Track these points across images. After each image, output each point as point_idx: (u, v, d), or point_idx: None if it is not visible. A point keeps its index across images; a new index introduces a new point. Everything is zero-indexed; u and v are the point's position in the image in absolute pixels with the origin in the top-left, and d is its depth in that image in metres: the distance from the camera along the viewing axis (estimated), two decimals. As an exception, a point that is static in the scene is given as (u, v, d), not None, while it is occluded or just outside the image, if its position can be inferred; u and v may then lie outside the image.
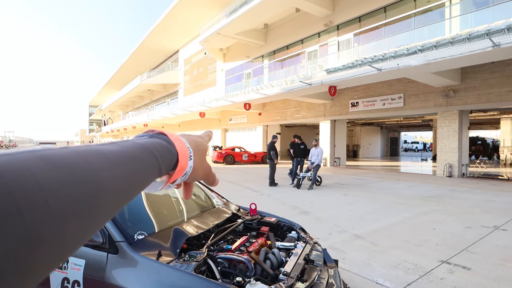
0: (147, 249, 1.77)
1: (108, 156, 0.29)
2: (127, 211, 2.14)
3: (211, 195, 2.98)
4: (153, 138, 0.39)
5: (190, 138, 0.47)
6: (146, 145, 0.36)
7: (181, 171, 0.42)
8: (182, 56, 33.30)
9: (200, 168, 0.47)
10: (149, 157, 0.35)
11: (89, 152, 0.28)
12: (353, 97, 15.70)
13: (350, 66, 12.02)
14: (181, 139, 0.43)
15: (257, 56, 22.07)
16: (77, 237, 0.24)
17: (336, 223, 5.21)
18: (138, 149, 0.34)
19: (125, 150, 0.32)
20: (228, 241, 2.20)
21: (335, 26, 16.21)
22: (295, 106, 19.02)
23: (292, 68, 18.04)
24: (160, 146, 0.38)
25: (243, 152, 19.21)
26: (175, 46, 33.40)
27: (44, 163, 0.23)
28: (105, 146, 0.31)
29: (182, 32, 28.85)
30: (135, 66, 41.36)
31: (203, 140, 0.51)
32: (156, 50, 35.00)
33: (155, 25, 28.57)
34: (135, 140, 0.37)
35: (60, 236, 0.22)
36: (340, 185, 9.68)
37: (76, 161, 0.25)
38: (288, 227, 2.73)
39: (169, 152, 0.39)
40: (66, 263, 1.81)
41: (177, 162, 0.40)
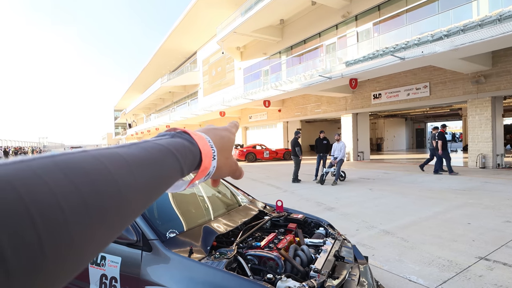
0: (178, 247, 1.81)
1: (127, 160, 0.28)
2: (157, 210, 2.18)
3: (236, 192, 2.98)
4: (175, 138, 0.38)
5: (215, 133, 0.45)
6: (167, 146, 0.34)
7: (204, 171, 0.40)
8: (200, 57, 33.70)
9: (225, 166, 0.45)
10: (170, 159, 0.33)
11: (108, 157, 0.26)
12: (375, 88, 15.27)
13: (371, 57, 11.69)
14: (204, 137, 0.41)
15: (274, 53, 21.94)
16: (95, 246, 0.23)
17: (363, 218, 5.09)
18: (158, 151, 0.33)
19: (145, 152, 0.31)
20: (256, 238, 2.20)
21: (353, 16, 15.81)
22: (315, 101, 18.76)
23: (311, 62, 17.80)
24: (181, 146, 0.36)
25: (265, 150, 19.20)
26: (193, 48, 33.84)
27: (60, 171, 0.22)
28: (124, 149, 0.29)
29: (199, 33, 29.18)
30: (155, 70, 42.34)
31: (229, 133, 0.48)
32: (175, 52, 35.63)
33: (173, 28, 29.07)
34: (156, 140, 0.35)
35: (76, 247, 0.21)
36: (365, 180, 9.45)
37: (94, 167, 0.24)
38: (315, 223, 2.69)
39: (191, 152, 0.37)
40: (103, 260, 1.89)
41: (200, 162, 0.39)
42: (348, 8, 15.88)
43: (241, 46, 25.18)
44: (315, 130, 20.42)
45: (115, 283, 1.83)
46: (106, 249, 1.92)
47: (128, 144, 0.31)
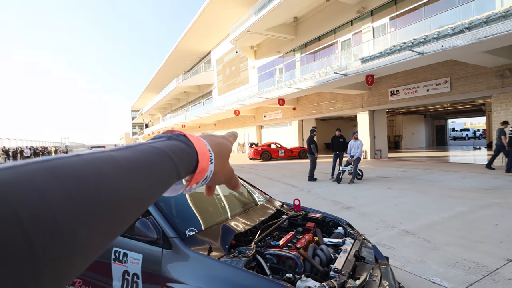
0: (198, 245, 1.81)
1: (122, 163, 0.27)
2: (176, 209, 2.20)
3: (253, 191, 2.96)
4: (171, 140, 0.37)
5: (213, 139, 0.44)
6: (163, 148, 0.34)
7: (201, 174, 0.39)
8: (214, 56, 33.91)
9: (222, 172, 0.44)
10: (166, 162, 0.33)
11: (102, 160, 0.26)
12: (393, 85, 14.91)
13: (388, 52, 11.42)
14: (202, 140, 0.41)
15: (288, 51, 21.79)
16: (90, 250, 0.23)
17: (382, 218, 4.98)
18: (154, 154, 0.32)
19: (140, 155, 0.30)
20: (274, 237, 2.17)
21: (368, 12, 15.49)
22: (330, 98, 18.52)
23: (326, 59, 17.56)
24: (178, 149, 0.36)
25: (280, 148, 19.12)
26: (207, 48, 34.09)
27: (53, 176, 0.21)
28: (120, 152, 0.29)
29: (213, 33, 29.36)
30: (170, 70, 42.92)
31: (227, 141, 0.47)
32: (189, 53, 36.00)
33: (187, 29, 29.35)
34: (152, 143, 0.34)
35: (70, 252, 0.21)
36: (383, 179, 9.25)
37: (88, 171, 0.24)
38: (334, 222, 2.64)
39: (188, 155, 0.37)
40: (125, 257, 1.91)
41: (197, 164, 0.38)
42: (364, 3, 15.57)
43: (255, 45, 25.16)
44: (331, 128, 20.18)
45: (137, 280, 1.86)
46: (128, 246, 1.94)
47: (124, 147, 0.30)
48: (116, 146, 1.15)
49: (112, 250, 2.01)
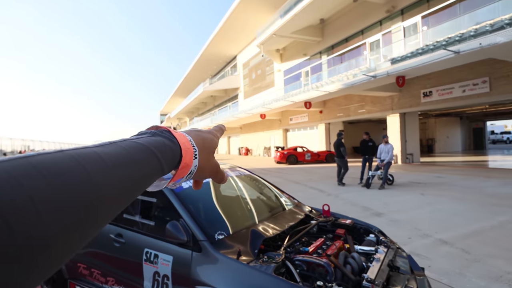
0: (227, 249, 1.81)
1: (104, 159, 0.28)
2: (204, 212, 2.21)
3: (280, 195, 2.93)
4: (155, 136, 0.37)
5: (197, 134, 0.45)
6: (147, 144, 0.34)
7: (185, 170, 0.40)
8: (240, 60, 34.28)
9: (207, 166, 0.45)
10: (149, 158, 0.33)
11: (85, 156, 0.26)
12: (425, 86, 14.28)
13: (420, 52, 10.97)
14: (186, 136, 0.41)
15: (314, 53, 21.57)
16: (73, 245, 0.23)
17: (416, 226, 4.75)
18: (137, 150, 0.33)
19: (123, 151, 0.31)
20: (303, 243, 2.13)
21: (398, 11, 15.00)
22: (359, 101, 18.06)
23: (354, 61, 17.18)
24: (162, 144, 0.36)
25: (306, 152, 18.90)
26: (233, 52, 34.54)
27: (36, 171, 0.22)
28: (102, 148, 0.29)
29: (239, 37, 29.71)
30: (197, 75, 43.91)
31: (212, 136, 0.48)
32: (216, 57, 36.65)
33: (214, 34, 29.92)
34: (136, 139, 0.35)
35: (53, 244, 0.21)
36: (415, 184, 8.85)
37: (71, 167, 0.24)
38: (365, 229, 2.55)
39: (172, 150, 0.37)
40: (156, 258, 1.95)
41: (181, 160, 0.39)
42: (393, 3, 15.10)
43: (281, 48, 25.15)
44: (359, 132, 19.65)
45: (167, 281, 1.88)
46: (159, 247, 1.98)
47: (107, 143, 0.31)
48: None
49: (143, 251, 2.06)
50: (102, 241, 2.42)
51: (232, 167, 3.05)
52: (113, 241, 2.31)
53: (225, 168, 2.97)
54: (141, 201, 2.38)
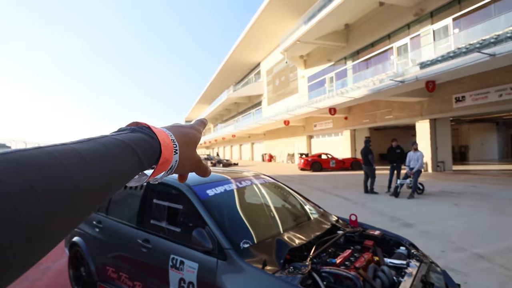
0: (252, 258, 1.79)
1: (83, 154, 0.28)
2: (229, 220, 2.21)
3: (304, 202, 2.88)
4: (135, 133, 0.38)
5: (179, 130, 0.45)
6: (126, 140, 0.35)
7: (165, 165, 0.40)
8: (263, 67, 34.50)
9: (188, 161, 0.45)
10: (128, 153, 0.34)
11: (62, 152, 0.27)
12: (457, 90, 13.64)
13: (452, 55, 10.54)
14: (165, 132, 0.42)
15: (339, 59, 21.30)
16: (51, 239, 0.24)
17: (449, 238, 4.50)
18: (116, 146, 0.33)
19: (101, 147, 0.31)
20: (330, 254, 2.07)
21: (428, 13, 14.53)
22: (386, 106, 17.54)
23: (380, 66, 16.77)
24: (141, 140, 0.37)
25: (331, 159, 18.56)
26: (256, 59, 34.85)
27: (13, 167, 0.22)
28: (81, 145, 0.30)
29: (262, 45, 29.96)
30: (221, 82, 44.64)
31: (194, 131, 0.48)
32: (240, 64, 37.12)
33: (238, 41, 30.36)
34: (115, 135, 0.35)
35: (30, 241, 0.22)
36: (448, 194, 8.42)
37: (49, 163, 0.25)
38: (395, 241, 2.44)
39: (151, 146, 0.38)
40: (182, 265, 1.96)
41: (160, 155, 0.39)
42: (422, 5, 14.65)
43: (305, 54, 25.07)
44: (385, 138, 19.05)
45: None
46: (185, 254, 1.99)
47: (86, 140, 0.31)
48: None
49: (169, 257, 2.08)
50: (130, 245, 2.48)
51: (257, 175, 3.04)
52: (141, 246, 2.35)
53: (249, 175, 2.96)
54: (168, 207, 2.42)
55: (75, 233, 3.23)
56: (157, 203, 2.51)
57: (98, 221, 2.97)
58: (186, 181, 2.35)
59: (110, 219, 2.88)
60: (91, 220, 3.06)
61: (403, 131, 24.14)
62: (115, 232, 2.74)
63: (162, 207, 2.46)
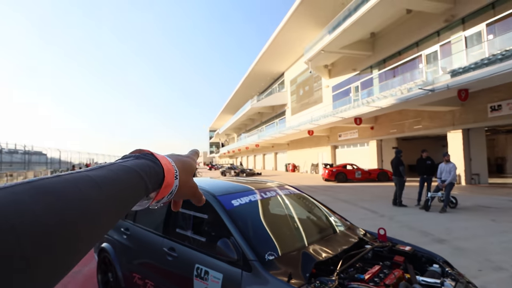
0: (277, 270, 1.76)
1: (97, 181, 0.32)
2: (254, 231, 2.19)
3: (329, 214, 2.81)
4: (139, 159, 0.41)
5: (177, 158, 0.49)
6: (133, 166, 0.38)
7: (167, 189, 0.43)
8: (287, 77, 34.59)
9: (186, 186, 0.48)
10: (135, 178, 0.37)
11: (79, 179, 0.30)
12: (493, 99, 12.94)
13: (486, 62, 10.06)
14: (167, 158, 0.45)
15: (365, 68, 20.94)
16: (73, 255, 0.27)
17: (487, 256, 4.21)
18: (124, 172, 0.36)
19: (111, 173, 0.34)
20: (357, 269, 1.99)
21: (459, 19, 14.01)
22: (414, 116, 16.94)
23: (408, 75, 16.29)
24: (146, 166, 0.40)
25: (356, 170, 18.10)
26: (280, 69, 35.02)
27: (39, 194, 0.25)
28: (94, 172, 0.33)
29: (286, 55, 30.11)
30: (245, 92, 45.19)
31: (190, 159, 0.52)
32: (263, 75, 37.46)
33: (261, 52, 30.72)
34: (122, 162, 0.39)
35: (57, 257, 0.25)
36: (484, 208, 7.92)
37: (68, 189, 0.28)
38: (427, 258, 2.31)
39: (155, 171, 0.41)
40: (207, 275, 1.96)
41: (163, 180, 0.42)
42: (452, 11, 14.17)
43: (329, 64, 24.89)
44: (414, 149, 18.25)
45: (217, 299, 1.88)
46: (209, 264, 1.99)
47: (97, 167, 0.35)
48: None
49: (194, 266, 2.09)
50: (155, 253, 2.51)
51: (281, 185, 3.02)
52: (166, 254, 2.38)
53: (274, 186, 2.94)
54: (193, 216, 2.43)
55: (104, 239, 3.30)
56: (183, 212, 2.53)
57: (126, 228, 3.04)
58: (212, 191, 2.39)
59: (137, 226, 2.94)
60: (119, 227, 3.13)
61: (433, 142, 23.16)
62: (142, 240, 2.78)
63: (187, 216, 2.48)
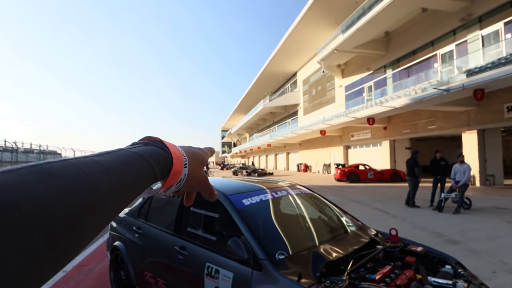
0: (287, 269, 1.78)
1: (103, 165, 0.31)
2: (264, 230, 2.22)
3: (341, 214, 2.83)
4: (148, 146, 0.41)
5: (188, 148, 0.48)
6: (140, 152, 0.38)
7: (175, 176, 0.42)
8: (300, 77, 34.46)
9: (196, 177, 0.47)
10: (142, 164, 0.37)
11: (85, 163, 0.30)
12: (510, 99, 12.59)
13: (504, 62, 9.83)
14: (177, 146, 0.45)
15: (378, 67, 20.69)
16: (78, 239, 0.27)
17: (501, 258, 4.14)
18: (132, 157, 0.36)
19: (119, 159, 0.34)
20: (368, 269, 2.01)
21: (475, 18, 13.70)
22: (428, 116, 16.64)
23: (423, 74, 16.02)
24: (154, 152, 0.39)
25: (369, 170, 17.91)
26: (293, 69, 34.92)
27: (44, 176, 0.25)
28: (101, 157, 0.33)
29: (299, 54, 30.00)
30: (258, 92, 45.22)
31: (202, 152, 0.51)
32: (276, 75, 37.41)
33: (274, 52, 30.69)
34: (130, 149, 0.38)
35: (62, 240, 0.25)
36: (499, 210, 7.75)
37: (72, 171, 0.28)
38: (439, 259, 2.31)
39: (164, 158, 0.40)
40: (217, 274, 2.00)
41: (172, 167, 0.41)
42: (469, 10, 13.86)
43: (342, 64, 24.69)
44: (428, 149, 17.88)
45: (227, 297, 1.91)
46: (220, 263, 2.02)
47: (104, 152, 0.35)
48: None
49: (205, 265, 2.11)
50: (167, 252, 2.54)
51: (292, 185, 3.04)
52: (178, 253, 2.40)
53: (285, 186, 2.97)
54: (204, 215, 2.45)
55: (116, 237, 3.34)
56: (194, 211, 2.55)
57: (138, 227, 3.07)
58: (223, 190, 2.44)
59: (149, 225, 2.96)
60: (131, 226, 3.16)
61: (448, 142, 22.67)
62: (154, 238, 2.81)
63: (198, 215, 2.50)
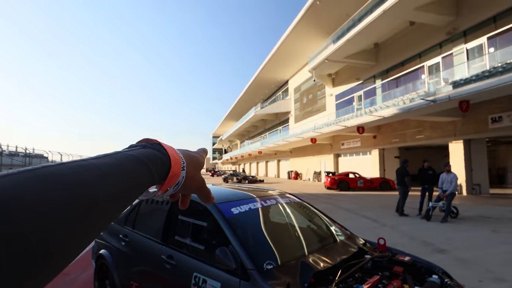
0: (276, 280, 1.76)
1: (101, 169, 0.31)
2: (253, 239, 2.20)
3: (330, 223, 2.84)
4: (146, 149, 0.41)
5: (185, 151, 0.49)
6: (138, 155, 0.38)
7: (173, 179, 0.42)
8: (291, 85, 34.82)
9: (194, 180, 0.48)
10: (140, 167, 0.36)
11: (83, 166, 0.30)
12: (494, 110, 12.96)
13: (487, 75, 10.14)
14: (175, 149, 0.45)
15: (368, 77, 21.08)
16: (75, 243, 0.26)
17: (487, 267, 4.20)
18: (128, 160, 0.36)
19: (116, 162, 0.34)
20: (356, 279, 2.02)
21: (460, 32, 14.16)
22: (416, 126, 16.97)
23: (410, 85, 16.39)
24: (152, 155, 0.39)
25: (358, 178, 18.07)
26: (284, 77, 35.28)
27: (41, 182, 0.25)
28: (98, 160, 0.33)
29: (290, 63, 30.36)
30: (249, 99, 45.43)
31: (198, 155, 0.52)
32: (268, 82, 37.71)
33: (266, 60, 30.99)
34: (128, 151, 0.38)
35: (59, 243, 0.25)
36: (485, 219, 7.90)
37: (71, 177, 0.28)
38: (426, 269, 2.33)
39: (161, 160, 0.40)
40: (204, 284, 1.97)
41: (170, 169, 0.42)
42: (454, 24, 14.32)
43: (333, 73, 25.06)
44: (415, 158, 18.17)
45: (215, 308, 1.88)
46: (207, 272, 2.00)
47: (102, 156, 0.35)
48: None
49: (192, 274, 2.08)
50: (154, 261, 2.49)
51: (282, 194, 3.04)
52: (165, 262, 2.36)
53: (275, 194, 2.96)
54: (192, 224, 2.41)
55: (102, 245, 3.26)
56: (182, 219, 2.51)
57: (124, 234, 3.00)
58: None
59: (136, 233, 2.91)
60: (118, 234, 3.09)
61: (435, 152, 23.11)
62: (140, 247, 2.76)
63: (186, 224, 2.46)
